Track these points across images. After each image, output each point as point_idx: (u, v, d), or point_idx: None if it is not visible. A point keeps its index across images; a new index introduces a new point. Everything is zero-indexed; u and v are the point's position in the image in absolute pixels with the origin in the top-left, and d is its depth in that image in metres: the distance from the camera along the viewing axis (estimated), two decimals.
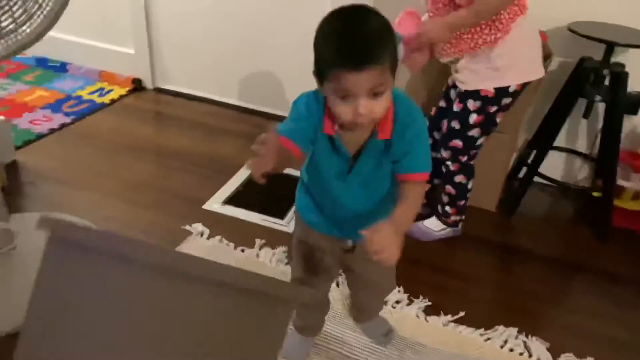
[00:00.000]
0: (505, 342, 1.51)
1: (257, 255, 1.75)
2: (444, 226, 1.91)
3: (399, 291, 1.63)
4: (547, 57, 1.92)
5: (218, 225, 1.87)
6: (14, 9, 1.28)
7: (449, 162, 1.80)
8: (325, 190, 1.13)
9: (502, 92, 1.64)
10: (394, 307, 1.58)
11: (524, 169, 2.20)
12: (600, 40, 1.83)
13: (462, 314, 1.59)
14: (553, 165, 2.23)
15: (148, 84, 2.92)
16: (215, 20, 2.64)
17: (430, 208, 1.98)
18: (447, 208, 1.88)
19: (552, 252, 1.95)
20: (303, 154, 1.06)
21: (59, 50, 2.97)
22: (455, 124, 1.72)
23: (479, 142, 1.75)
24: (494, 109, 1.67)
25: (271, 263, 1.72)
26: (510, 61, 1.60)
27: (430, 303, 1.62)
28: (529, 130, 2.22)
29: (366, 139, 1.03)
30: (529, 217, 2.13)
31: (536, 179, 2.11)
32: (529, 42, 1.65)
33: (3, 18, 1.28)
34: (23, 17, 1.29)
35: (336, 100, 0.95)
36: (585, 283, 1.84)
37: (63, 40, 2.90)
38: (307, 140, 1.06)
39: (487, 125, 1.72)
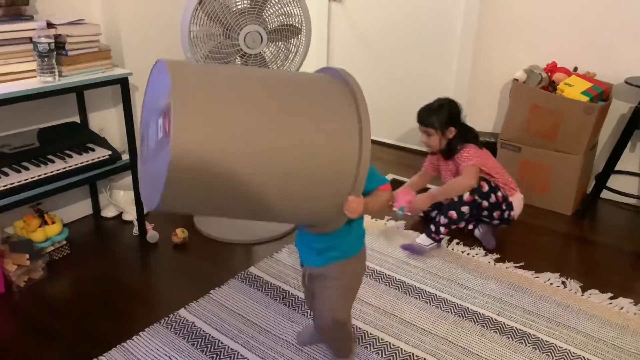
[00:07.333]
0: (549, 279, 2.19)
1: None
2: (432, 241, 2.42)
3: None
4: (607, 99, 2.64)
5: None
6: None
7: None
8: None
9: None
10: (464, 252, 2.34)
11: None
12: None
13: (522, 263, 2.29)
14: (627, 186, 2.80)
15: None
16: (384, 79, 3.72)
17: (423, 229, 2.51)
18: (441, 228, 2.40)
19: (606, 240, 2.53)
20: None
21: None
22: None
23: (462, 209, 2.36)
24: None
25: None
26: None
27: (499, 256, 2.36)
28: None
29: None
30: (597, 220, 2.74)
31: (614, 197, 2.73)
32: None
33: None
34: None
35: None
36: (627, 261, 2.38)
37: None
38: None
39: (472, 207, 2.38)
